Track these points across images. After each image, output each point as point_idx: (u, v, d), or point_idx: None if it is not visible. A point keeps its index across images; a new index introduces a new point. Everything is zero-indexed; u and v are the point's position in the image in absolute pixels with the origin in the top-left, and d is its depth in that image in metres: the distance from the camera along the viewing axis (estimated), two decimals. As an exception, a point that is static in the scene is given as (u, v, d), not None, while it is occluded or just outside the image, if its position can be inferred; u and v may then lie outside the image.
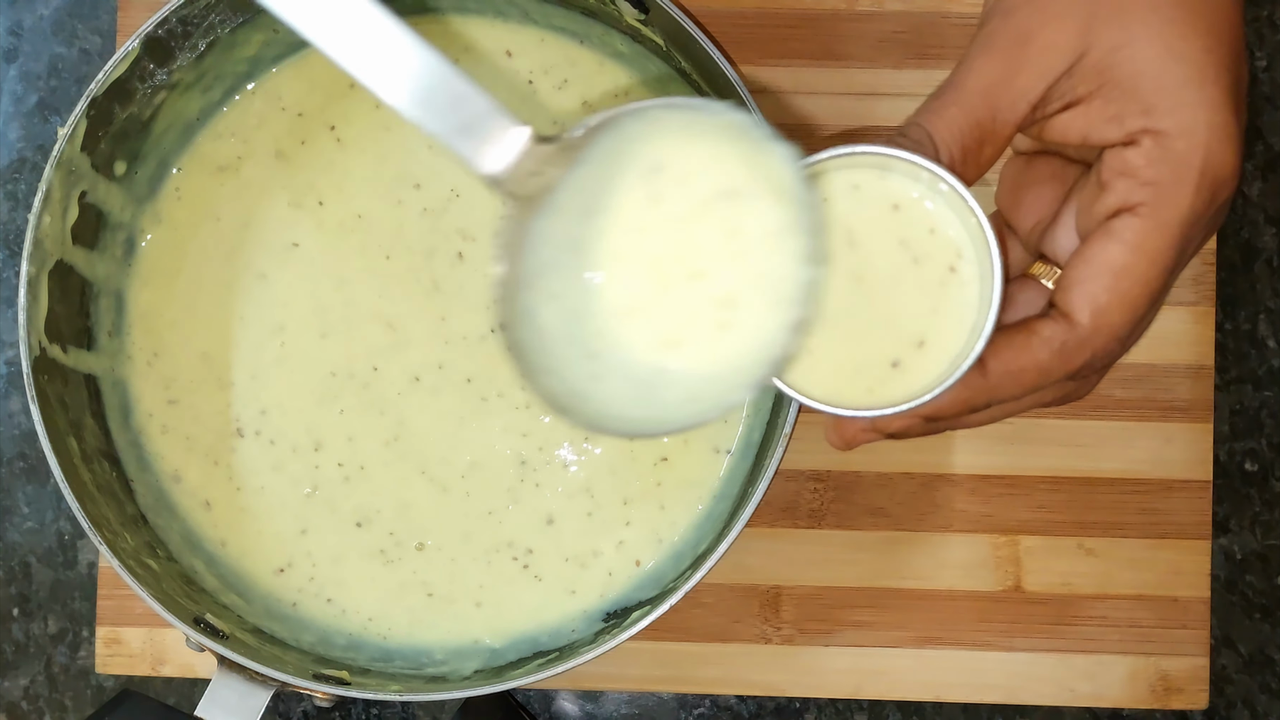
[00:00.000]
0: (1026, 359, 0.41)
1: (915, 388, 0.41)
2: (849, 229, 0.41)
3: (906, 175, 0.41)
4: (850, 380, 0.41)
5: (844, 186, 0.41)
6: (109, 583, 0.61)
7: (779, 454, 0.53)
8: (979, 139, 0.41)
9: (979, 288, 0.41)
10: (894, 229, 0.41)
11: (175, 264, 0.59)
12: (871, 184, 0.41)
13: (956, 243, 0.41)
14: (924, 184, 0.41)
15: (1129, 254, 0.40)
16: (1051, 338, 0.41)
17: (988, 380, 0.41)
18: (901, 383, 0.41)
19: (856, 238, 0.41)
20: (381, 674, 0.57)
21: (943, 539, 0.60)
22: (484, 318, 0.59)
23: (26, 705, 0.62)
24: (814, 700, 0.61)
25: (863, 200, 0.41)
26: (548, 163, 0.37)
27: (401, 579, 0.59)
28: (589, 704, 0.62)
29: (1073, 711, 0.61)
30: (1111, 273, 0.40)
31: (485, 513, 0.59)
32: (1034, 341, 0.41)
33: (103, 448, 0.57)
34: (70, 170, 0.54)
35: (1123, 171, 0.40)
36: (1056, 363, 0.41)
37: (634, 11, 0.55)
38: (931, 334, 0.41)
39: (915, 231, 0.41)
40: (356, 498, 0.59)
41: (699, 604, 0.60)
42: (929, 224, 0.41)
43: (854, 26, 0.61)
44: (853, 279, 0.41)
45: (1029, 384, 0.42)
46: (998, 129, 0.41)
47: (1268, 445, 0.62)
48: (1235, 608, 0.62)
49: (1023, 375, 0.41)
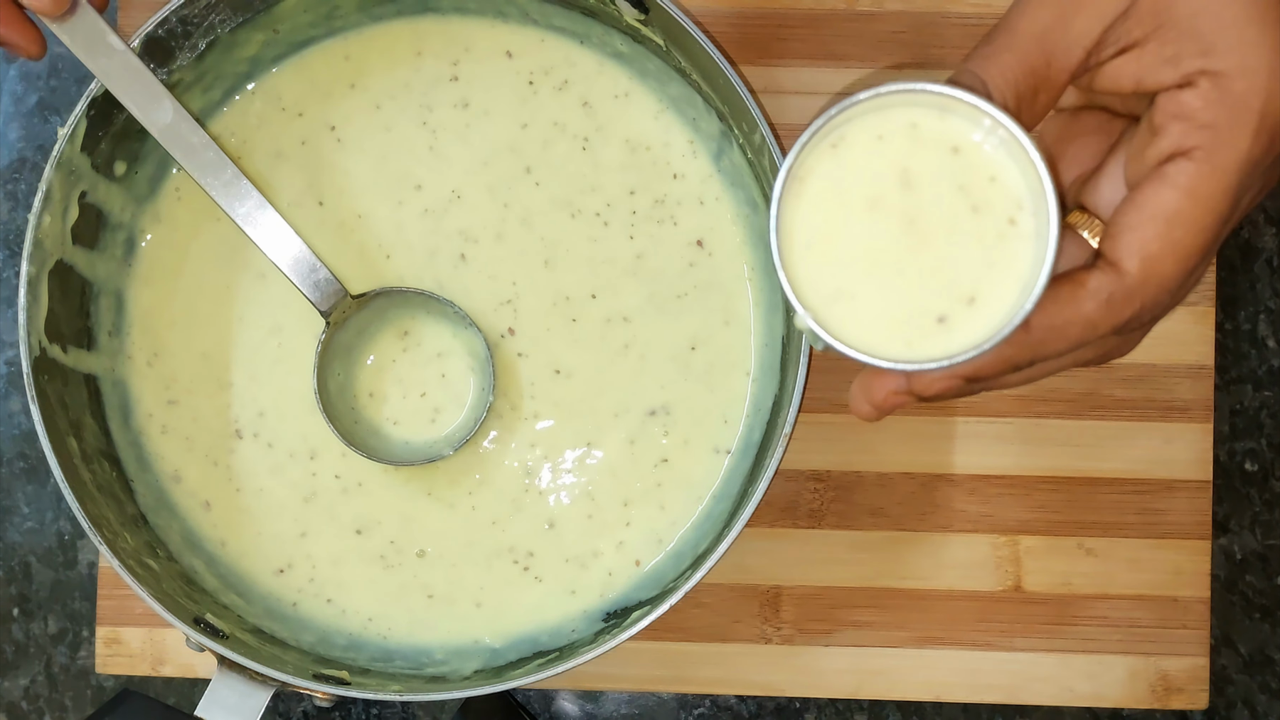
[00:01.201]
0: (1072, 312, 0.39)
1: (955, 346, 0.38)
2: (904, 169, 0.39)
3: (967, 118, 0.38)
4: (888, 333, 0.39)
5: (901, 124, 0.39)
6: (109, 583, 0.61)
7: (779, 454, 0.53)
8: (1034, 86, 0.39)
9: (1034, 245, 0.38)
10: (953, 173, 0.39)
11: (175, 264, 0.59)
12: (931, 123, 0.39)
13: (1017, 193, 0.38)
14: (985, 129, 0.38)
15: (1183, 199, 0.38)
16: (1099, 289, 0.39)
17: (1031, 336, 0.39)
18: (943, 340, 0.39)
19: (912, 179, 0.39)
20: (381, 674, 0.57)
21: (943, 539, 0.60)
22: (490, 321, 0.59)
23: (26, 705, 0.62)
24: (814, 700, 0.61)
25: (921, 140, 0.39)
26: (350, 307, 0.57)
27: (401, 582, 0.59)
28: (589, 704, 0.62)
29: (1073, 711, 0.61)
30: (1164, 219, 0.38)
31: (489, 523, 0.59)
32: (1080, 294, 0.39)
33: (103, 448, 0.57)
34: (70, 170, 0.54)
35: (1178, 114, 0.38)
36: (1104, 316, 0.39)
37: (634, 11, 0.55)
38: (984, 290, 0.39)
39: (975, 178, 0.39)
40: (355, 508, 0.59)
41: (699, 604, 0.60)
42: (990, 171, 0.39)
43: (854, 26, 0.61)
44: (905, 223, 0.39)
45: (1075, 339, 0.39)
46: (1053, 75, 0.39)
47: (1268, 445, 0.62)
48: (1235, 608, 0.62)
49: (1068, 330, 0.39)
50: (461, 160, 0.60)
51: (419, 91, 0.60)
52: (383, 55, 0.60)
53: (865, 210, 0.39)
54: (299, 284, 0.56)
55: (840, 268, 0.39)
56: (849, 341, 0.39)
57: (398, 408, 0.59)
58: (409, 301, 0.58)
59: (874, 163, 0.39)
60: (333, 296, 0.56)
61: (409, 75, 0.60)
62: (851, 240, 0.39)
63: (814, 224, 0.39)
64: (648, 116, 0.59)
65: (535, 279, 0.59)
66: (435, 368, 0.59)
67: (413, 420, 0.59)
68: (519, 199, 0.59)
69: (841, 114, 0.39)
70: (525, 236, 0.59)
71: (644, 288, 0.59)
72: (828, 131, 0.39)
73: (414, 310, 0.59)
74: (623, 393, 0.59)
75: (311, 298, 0.56)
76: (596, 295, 0.59)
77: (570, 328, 0.59)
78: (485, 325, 0.59)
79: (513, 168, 0.59)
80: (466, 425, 0.58)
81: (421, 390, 0.59)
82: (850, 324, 0.39)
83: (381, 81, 0.60)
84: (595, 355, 0.59)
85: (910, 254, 0.39)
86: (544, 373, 0.59)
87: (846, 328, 0.39)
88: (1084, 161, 0.44)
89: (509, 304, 0.59)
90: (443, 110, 0.60)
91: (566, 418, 0.59)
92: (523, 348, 0.59)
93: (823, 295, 0.39)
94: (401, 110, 0.60)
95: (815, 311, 0.39)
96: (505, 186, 0.59)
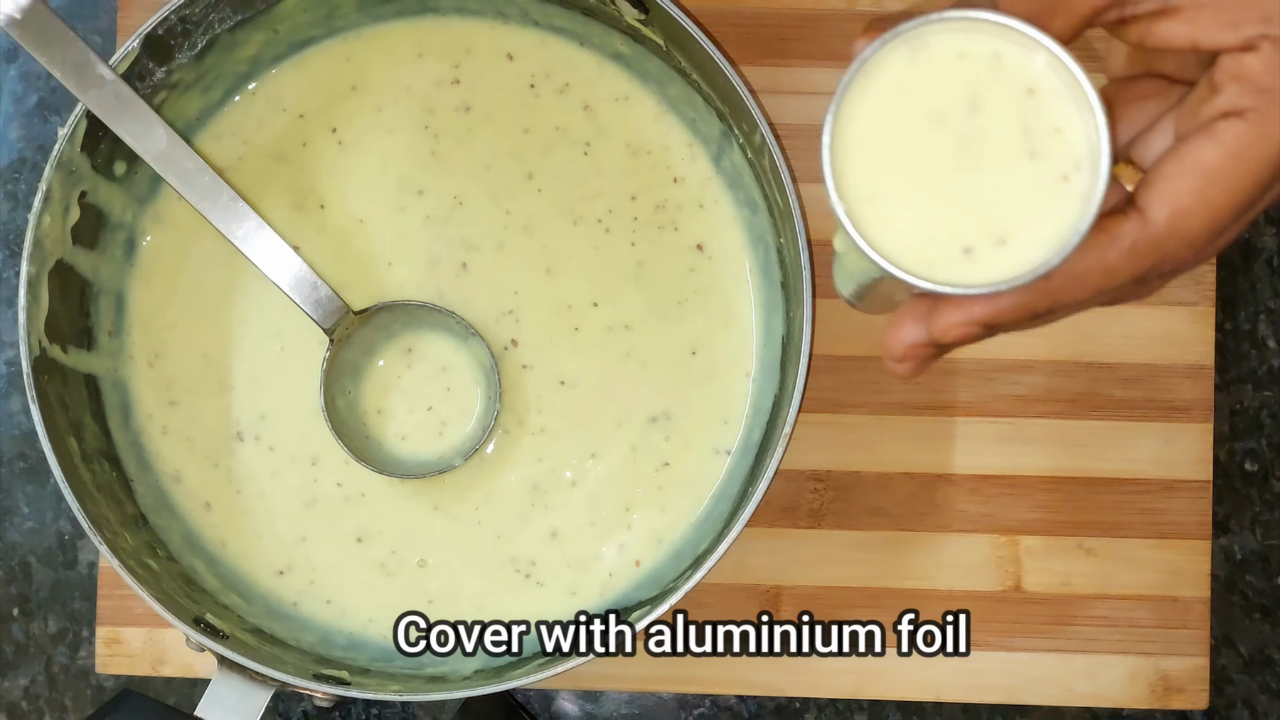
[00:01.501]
0: (1094, 259, 0.39)
1: (973, 279, 0.38)
2: (975, 94, 0.39)
3: (1049, 66, 0.38)
4: (912, 248, 0.39)
5: (986, 50, 0.39)
6: (109, 583, 0.61)
7: (779, 454, 0.53)
8: (1049, 6, 0.38)
9: (1079, 205, 0.38)
10: (1021, 114, 0.38)
11: (176, 265, 0.59)
12: (1014, 58, 0.38)
13: (1077, 152, 0.38)
14: (1062, 80, 0.38)
15: (1225, 158, 0.38)
16: (1122, 235, 0.38)
17: (1051, 284, 0.39)
18: (962, 271, 0.38)
19: (980, 106, 0.38)
20: (381, 674, 0.57)
21: (943, 539, 0.60)
22: (493, 332, 0.59)
23: (26, 705, 0.62)
24: (814, 700, 0.61)
25: (1001, 71, 0.38)
26: (353, 323, 0.57)
27: (402, 589, 0.59)
28: (589, 704, 0.62)
29: (1073, 711, 0.61)
30: (1202, 173, 0.38)
31: (494, 537, 0.59)
32: (1103, 240, 0.39)
33: (103, 448, 0.57)
34: (70, 170, 0.54)
35: (1237, 75, 0.38)
36: (1124, 263, 0.39)
37: (634, 12, 0.55)
38: (1017, 235, 0.38)
39: (1042, 125, 0.38)
40: (357, 517, 0.59)
41: (699, 604, 0.60)
42: (1057, 122, 0.38)
43: (854, 26, 0.60)
44: (961, 145, 0.39)
45: (1094, 286, 0.39)
46: (1075, 4, 0.39)
47: (1268, 445, 0.62)
48: (1235, 608, 0.62)
49: (1089, 276, 0.39)
50: (463, 165, 0.59)
51: (420, 94, 0.60)
52: (384, 57, 0.60)
53: (926, 122, 0.39)
54: (300, 302, 0.56)
55: (885, 170, 0.39)
56: (872, 243, 0.38)
57: (405, 423, 0.59)
58: (412, 315, 0.58)
59: (949, 78, 0.39)
60: (335, 314, 0.56)
61: (410, 78, 0.60)
62: (904, 146, 0.39)
63: (871, 121, 0.39)
64: (648, 119, 0.59)
65: (537, 288, 0.59)
66: (441, 381, 0.59)
67: (420, 434, 0.59)
68: (521, 205, 0.59)
69: (930, 24, 0.38)
70: (527, 244, 0.59)
71: (645, 295, 0.59)
72: (910, 36, 0.39)
73: (418, 324, 0.59)
74: (625, 401, 0.59)
75: (314, 315, 0.56)
76: (598, 303, 0.59)
77: (573, 337, 0.59)
78: (489, 336, 0.58)
79: (514, 173, 0.59)
80: (474, 436, 0.58)
81: (428, 404, 0.59)
82: (877, 228, 0.39)
83: (383, 83, 0.60)
84: (598, 364, 0.59)
85: (956, 178, 0.39)
86: (549, 384, 0.59)
87: (873, 230, 0.39)
88: (1139, 124, 0.43)
89: (511, 314, 0.59)
90: (445, 114, 0.59)
91: (571, 429, 0.59)
92: (527, 359, 0.59)
93: (860, 193, 0.39)
94: (404, 113, 0.60)
95: (849, 207, 0.39)
96: (507, 193, 0.59)
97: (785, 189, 0.53)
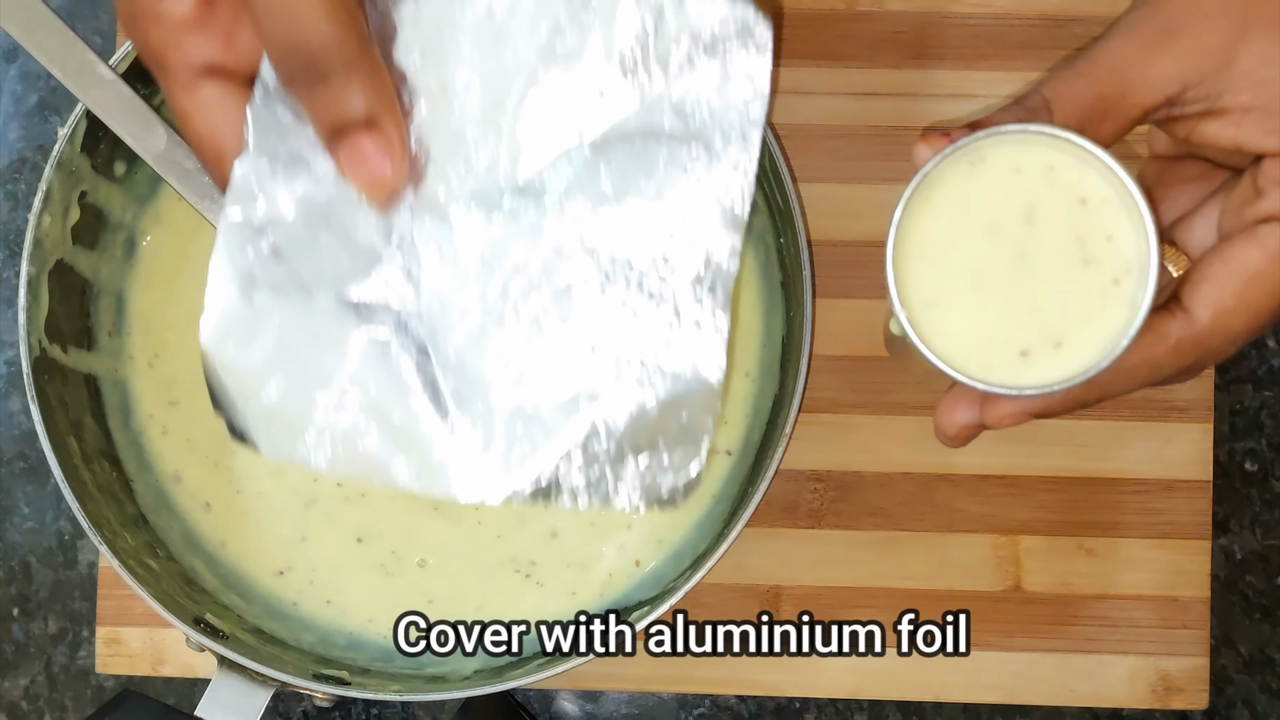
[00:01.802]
0: (1141, 355, 0.41)
1: (1029, 381, 0.41)
2: (1031, 205, 0.41)
3: (1101, 176, 0.40)
4: (971, 352, 0.41)
5: (1040, 163, 0.41)
6: (109, 583, 0.61)
7: (779, 454, 0.53)
8: (1101, 111, 0.40)
9: (1128, 308, 0.40)
10: (1075, 222, 0.41)
11: (176, 265, 0.59)
12: (1067, 170, 0.41)
13: (1127, 257, 0.40)
14: (1113, 188, 0.40)
15: (1267, 262, 0.40)
16: (1168, 334, 0.41)
17: (1101, 378, 0.41)
18: (1020, 373, 0.41)
19: (1036, 217, 0.41)
20: (381, 674, 0.57)
21: (943, 539, 0.60)
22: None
23: (26, 705, 0.62)
24: (814, 700, 0.61)
25: (1054, 183, 0.41)
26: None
27: (402, 589, 0.59)
28: (589, 704, 0.62)
29: (1073, 711, 0.61)
30: (1245, 276, 0.40)
31: (494, 537, 0.59)
32: (1150, 338, 0.41)
33: (103, 448, 0.57)
34: (70, 170, 0.54)
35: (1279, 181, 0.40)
36: (1170, 359, 0.41)
37: (634, 12, 0.55)
38: (1072, 340, 0.41)
39: (1094, 232, 0.41)
40: (357, 517, 0.59)
41: (699, 604, 0.60)
42: (1109, 229, 0.41)
43: (854, 26, 0.61)
44: (1017, 254, 0.41)
45: (1141, 380, 0.41)
46: (1125, 108, 0.41)
47: (1268, 445, 0.62)
48: (1235, 608, 0.62)
49: (1136, 371, 0.41)
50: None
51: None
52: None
53: (984, 233, 0.41)
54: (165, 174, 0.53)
55: (945, 279, 0.41)
56: (933, 349, 0.41)
57: None
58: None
59: (1005, 192, 0.41)
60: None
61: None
62: (963, 257, 0.41)
63: (933, 233, 0.41)
64: (648, 117, 0.59)
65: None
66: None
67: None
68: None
69: (987, 139, 0.41)
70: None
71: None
72: (969, 150, 0.41)
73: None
74: None
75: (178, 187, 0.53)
76: None
77: None
78: None
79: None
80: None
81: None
82: (939, 333, 0.41)
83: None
84: None
85: (1014, 286, 0.41)
86: None
87: (934, 336, 0.41)
88: (1183, 205, 0.45)
89: None
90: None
91: None
92: None
93: (921, 300, 0.41)
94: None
95: (910, 313, 0.41)
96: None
97: (785, 189, 0.53)
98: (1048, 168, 0.41)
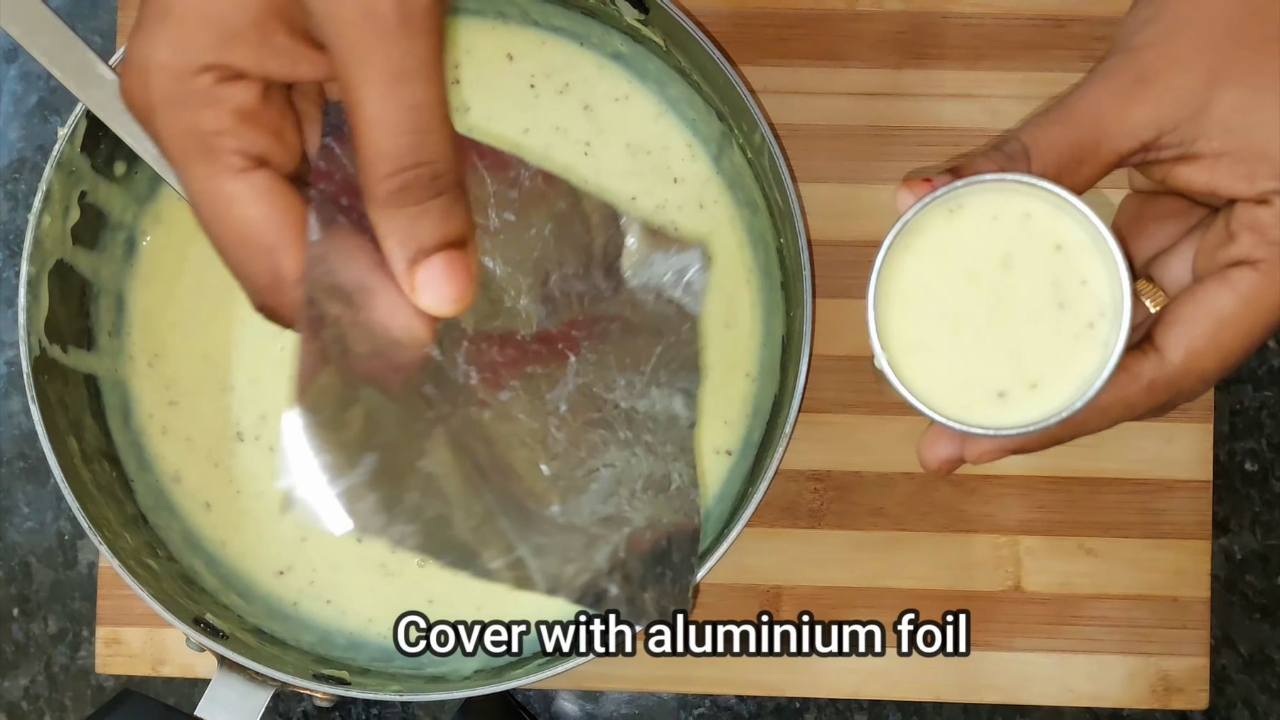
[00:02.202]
0: (1115, 395, 0.42)
1: (1007, 421, 0.42)
2: (1008, 252, 0.42)
3: (1077, 223, 0.41)
4: (951, 394, 0.42)
5: (1017, 211, 0.42)
6: (109, 583, 0.61)
7: (779, 454, 0.53)
8: (1078, 157, 0.42)
9: (1102, 351, 0.41)
10: (1051, 268, 0.42)
11: (176, 265, 0.59)
12: (1043, 217, 0.42)
13: (1101, 301, 0.42)
14: (1088, 234, 0.41)
15: (1239, 305, 0.41)
16: (1141, 375, 0.42)
17: (1075, 416, 0.42)
18: (997, 413, 0.42)
19: (1013, 263, 0.42)
20: (381, 674, 0.57)
21: (943, 539, 0.60)
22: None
23: (26, 705, 0.63)
24: (814, 700, 0.61)
25: (1030, 230, 0.42)
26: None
27: (402, 588, 0.59)
28: (589, 704, 0.62)
29: (1073, 711, 0.61)
30: (1217, 319, 0.41)
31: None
32: (1124, 378, 0.42)
33: (103, 448, 0.57)
34: (70, 170, 0.54)
35: (1252, 226, 0.41)
36: (1142, 399, 0.42)
37: (634, 11, 0.55)
38: (1048, 381, 0.42)
39: (1069, 278, 0.42)
40: None
41: (699, 604, 0.60)
42: (1084, 274, 0.42)
43: (854, 26, 0.61)
44: (995, 300, 0.42)
45: (1114, 418, 0.43)
46: (1101, 154, 0.42)
47: (1268, 445, 0.62)
48: (1235, 608, 0.62)
49: (1110, 410, 0.42)
50: (462, 163, 0.59)
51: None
52: (383, 56, 0.60)
53: (963, 279, 0.42)
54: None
55: (925, 323, 0.43)
56: (914, 390, 0.42)
57: None
58: None
59: (983, 239, 0.42)
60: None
61: (409, 76, 0.60)
62: (943, 301, 0.42)
63: (913, 278, 0.43)
64: (648, 119, 0.59)
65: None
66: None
67: None
68: (521, 206, 0.59)
69: (966, 187, 0.42)
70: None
71: (645, 296, 0.59)
72: (948, 198, 0.42)
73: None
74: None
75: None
76: None
77: None
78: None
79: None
80: None
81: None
82: (919, 376, 0.42)
83: (382, 82, 0.60)
84: None
85: (991, 329, 0.42)
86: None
87: (915, 378, 0.42)
88: (1161, 241, 0.46)
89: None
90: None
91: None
92: None
93: (902, 343, 0.43)
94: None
95: (891, 356, 0.42)
96: (507, 193, 0.59)
97: (785, 189, 0.53)
98: (1024, 215, 0.42)
